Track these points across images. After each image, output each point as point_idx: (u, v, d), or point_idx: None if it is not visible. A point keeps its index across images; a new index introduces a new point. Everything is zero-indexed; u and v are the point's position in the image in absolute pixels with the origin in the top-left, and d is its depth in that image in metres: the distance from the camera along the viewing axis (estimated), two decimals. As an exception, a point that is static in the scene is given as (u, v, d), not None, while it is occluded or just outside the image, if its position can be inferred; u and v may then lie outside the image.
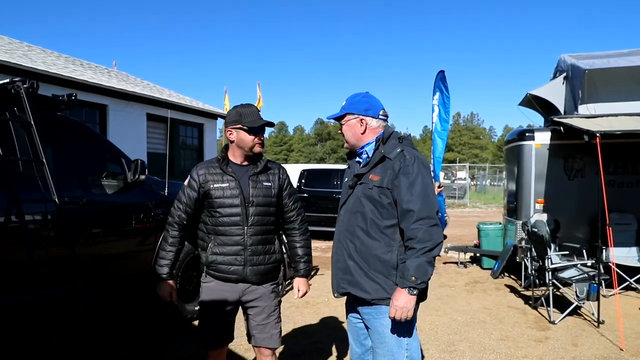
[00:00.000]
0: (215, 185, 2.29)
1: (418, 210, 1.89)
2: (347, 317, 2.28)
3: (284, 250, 2.60)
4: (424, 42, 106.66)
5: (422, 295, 2.04)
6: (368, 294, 2.01)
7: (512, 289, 6.00)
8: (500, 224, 7.72)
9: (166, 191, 4.23)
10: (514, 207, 6.81)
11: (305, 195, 10.28)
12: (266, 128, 2.37)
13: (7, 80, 3.26)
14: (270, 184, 2.36)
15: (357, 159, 2.20)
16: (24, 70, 7.55)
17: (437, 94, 8.15)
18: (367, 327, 2.13)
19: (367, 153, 2.13)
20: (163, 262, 2.35)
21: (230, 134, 2.34)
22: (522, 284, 6.06)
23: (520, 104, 8.35)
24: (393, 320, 1.97)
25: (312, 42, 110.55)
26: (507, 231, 7.05)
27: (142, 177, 3.83)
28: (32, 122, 3.07)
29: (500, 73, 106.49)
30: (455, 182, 29.07)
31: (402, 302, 1.89)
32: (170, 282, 2.36)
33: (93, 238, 3.59)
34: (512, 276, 6.66)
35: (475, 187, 33.27)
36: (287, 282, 5.96)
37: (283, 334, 4.28)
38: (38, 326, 2.71)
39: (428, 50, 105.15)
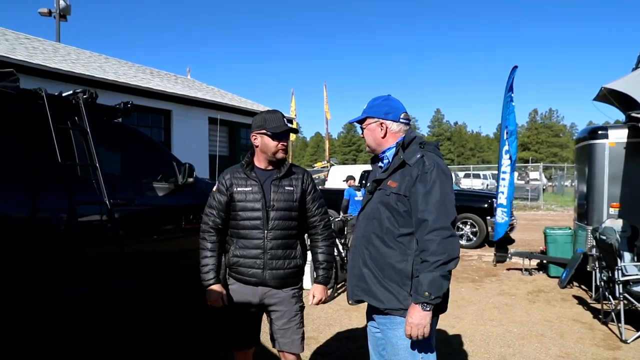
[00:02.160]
0: (238, 189, 2.34)
1: (432, 220, 1.79)
2: (367, 327, 2.21)
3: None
4: (497, 37, 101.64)
5: (441, 307, 1.93)
6: (381, 302, 1.95)
7: (581, 301, 5.51)
8: (570, 229, 7.13)
9: (216, 193, 4.37)
10: (584, 211, 6.26)
11: (365, 196, 10.24)
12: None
13: (71, 92, 3.56)
14: (292, 188, 2.36)
15: (379, 164, 2.14)
16: (95, 81, 8.22)
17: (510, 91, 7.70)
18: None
19: (387, 158, 2.07)
20: (207, 269, 2.37)
21: (255, 139, 2.38)
22: (593, 296, 5.54)
23: (595, 99, 7.68)
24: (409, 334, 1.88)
25: (381, 38, 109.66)
26: (577, 237, 6.50)
27: (190, 179, 3.99)
28: (88, 130, 3.32)
29: (582, 66, 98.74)
30: (530, 182, 27.26)
31: (417, 319, 1.80)
32: (218, 286, 2.36)
33: (143, 237, 3.78)
34: (583, 286, 6.12)
35: (553, 188, 31.07)
36: (338, 285, 5.94)
37: (329, 336, 4.33)
38: (86, 320, 2.91)
39: (503, 45, 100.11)
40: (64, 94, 3.47)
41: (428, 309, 1.80)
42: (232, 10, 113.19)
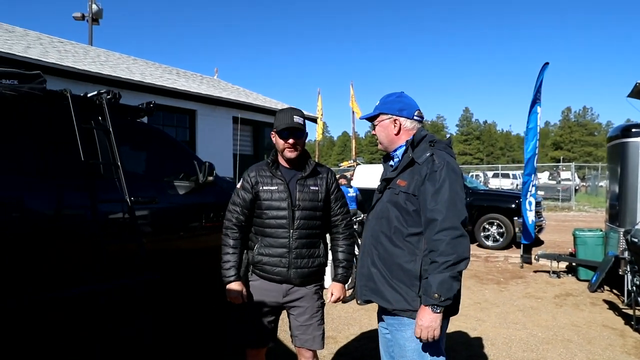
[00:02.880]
0: (264, 188, 2.33)
1: (442, 219, 1.75)
2: (378, 327, 2.19)
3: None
4: (529, 35, 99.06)
5: (452, 309, 1.88)
6: (389, 303, 1.92)
7: (612, 306, 5.30)
8: (600, 230, 6.86)
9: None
10: (616, 212, 6.01)
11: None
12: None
13: (95, 92, 3.65)
14: (317, 188, 2.36)
15: (391, 162, 2.10)
16: (122, 82, 8.45)
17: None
18: None
19: (398, 157, 2.03)
20: (228, 265, 2.36)
21: (273, 137, 2.39)
22: (625, 301, 5.31)
23: (629, 96, 7.40)
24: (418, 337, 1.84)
25: (408, 38, 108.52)
26: (609, 239, 6.25)
27: (211, 178, 4.03)
28: (111, 129, 3.40)
29: (620, 62, 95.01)
30: (561, 182, 26.44)
31: (427, 321, 1.76)
32: (238, 284, 2.37)
33: (164, 234, 3.85)
34: (614, 291, 5.88)
35: (586, 188, 30.03)
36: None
37: (347, 336, 4.31)
38: (98, 316, 2.97)
39: (534, 42, 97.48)
40: (88, 95, 3.57)
41: (438, 310, 1.76)
42: (262, 15, 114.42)
